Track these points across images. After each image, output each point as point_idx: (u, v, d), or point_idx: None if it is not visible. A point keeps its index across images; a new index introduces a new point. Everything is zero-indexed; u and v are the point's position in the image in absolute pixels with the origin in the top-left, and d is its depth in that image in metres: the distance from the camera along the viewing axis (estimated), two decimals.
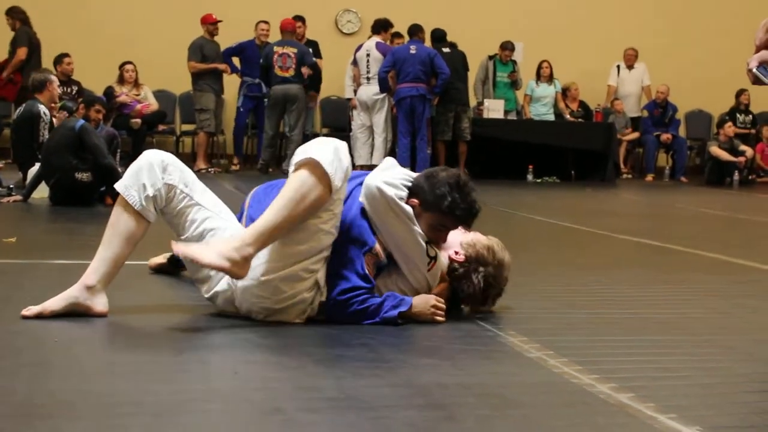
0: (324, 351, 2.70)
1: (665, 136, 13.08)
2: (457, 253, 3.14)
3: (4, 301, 3.10)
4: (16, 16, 10.76)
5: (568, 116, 12.70)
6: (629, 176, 13.15)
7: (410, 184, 3.04)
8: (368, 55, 10.99)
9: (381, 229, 2.98)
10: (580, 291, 3.82)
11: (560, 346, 2.74)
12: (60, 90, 9.29)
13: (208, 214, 2.99)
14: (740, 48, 7.65)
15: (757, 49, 2.49)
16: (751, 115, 13.68)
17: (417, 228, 2.98)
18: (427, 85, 10.58)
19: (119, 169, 6.42)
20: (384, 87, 10.64)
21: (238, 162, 11.75)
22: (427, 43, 11.11)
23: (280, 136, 11.32)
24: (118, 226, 2.92)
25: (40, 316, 2.83)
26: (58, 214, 6.22)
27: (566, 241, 5.87)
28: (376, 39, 11.12)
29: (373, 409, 2.09)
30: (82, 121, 6.71)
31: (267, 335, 2.78)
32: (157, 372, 2.35)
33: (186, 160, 3.18)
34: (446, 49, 11.16)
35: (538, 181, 11.80)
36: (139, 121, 11.11)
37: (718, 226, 7.38)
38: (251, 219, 2.93)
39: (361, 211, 2.99)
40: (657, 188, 11.64)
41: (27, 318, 2.82)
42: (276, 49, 10.75)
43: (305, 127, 11.34)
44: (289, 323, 2.90)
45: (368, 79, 10.95)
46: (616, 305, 3.54)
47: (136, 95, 11.36)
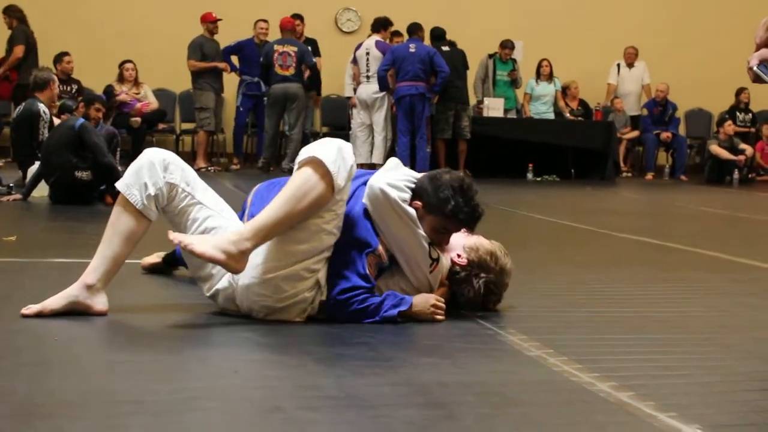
0: (324, 350, 2.70)
1: (665, 135, 13.08)
2: (459, 256, 3.14)
3: (4, 300, 3.10)
4: (13, 15, 10.76)
5: (568, 115, 12.70)
6: (629, 175, 13.15)
7: (413, 186, 3.03)
8: (368, 54, 10.99)
9: (384, 231, 2.98)
10: (580, 289, 3.83)
11: (560, 344, 2.74)
12: (60, 88, 9.29)
13: (209, 212, 2.99)
14: (740, 46, 7.65)
15: (758, 48, 2.49)
16: (750, 114, 13.68)
17: (420, 230, 2.98)
18: (427, 84, 10.57)
19: (119, 168, 6.43)
20: (383, 85, 10.64)
21: (238, 162, 11.75)
22: (427, 42, 11.11)
23: (280, 135, 11.32)
24: (119, 224, 2.92)
25: (39, 315, 2.83)
26: (57, 213, 6.21)
27: (566, 240, 5.87)
28: (376, 37, 11.11)
29: (373, 407, 2.09)
30: (82, 120, 6.71)
31: (267, 334, 2.78)
32: (158, 371, 2.35)
33: (186, 159, 3.18)
34: (446, 48, 11.15)
35: (538, 179, 11.80)
36: (138, 119, 11.11)
37: (718, 225, 7.38)
38: (253, 216, 2.93)
39: (365, 211, 2.99)
40: (657, 187, 11.64)
41: (27, 317, 2.82)
42: (276, 47, 10.75)
43: (305, 126, 11.34)
44: (289, 322, 2.90)
45: (368, 77, 10.95)
46: (615, 303, 3.54)
47: (136, 94, 11.36)
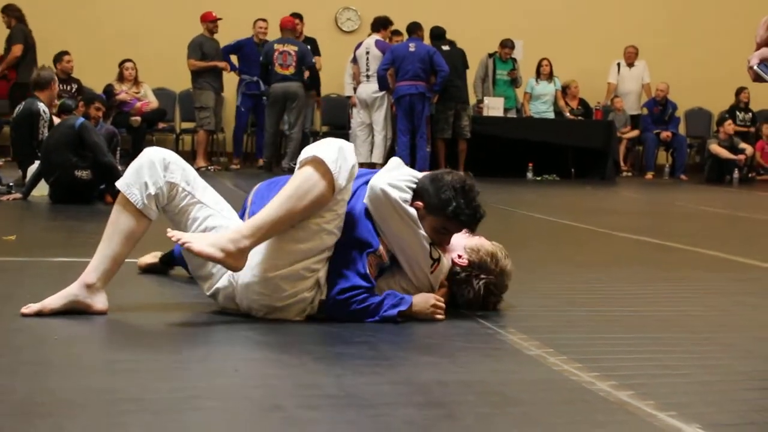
0: (324, 348, 2.70)
1: (665, 134, 13.08)
2: (460, 257, 3.14)
3: (4, 299, 3.10)
4: (12, 14, 10.77)
5: (568, 114, 12.69)
6: (629, 174, 13.15)
7: (415, 186, 3.03)
8: (368, 53, 10.98)
9: (384, 231, 2.98)
10: (580, 289, 3.83)
11: (560, 343, 2.74)
12: (60, 88, 9.29)
13: (210, 212, 2.99)
14: (740, 46, 7.65)
15: (758, 47, 2.49)
16: (750, 113, 13.68)
17: (421, 231, 2.97)
18: (427, 83, 10.57)
19: (119, 167, 6.43)
20: (383, 85, 10.63)
21: (239, 162, 11.75)
22: (426, 41, 11.10)
23: (280, 134, 11.32)
24: (119, 224, 2.92)
25: (39, 314, 2.83)
26: (57, 212, 6.21)
27: (566, 239, 5.87)
28: (376, 37, 11.11)
29: (373, 406, 2.09)
30: (82, 119, 6.71)
31: (267, 333, 2.78)
32: (157, 370, 2.35)
33: (186, 158, 3.18)
34: (445, 47, 11.15)
35: (538, 179, 11.80)
36: (138, 119, 11.11)
37: (718, 224, 7.38)
38: (253, 215, 2.93)
39: (366, 211, 2.99)
40: (657, 186, 11.64)
41: (27, 316, 2.82)
42: (276, 46, 10.75)
43: (305, 125, 11.34)
44: (289, 321, 2.90)
45: (368, 77, 10.94)
46: (615, 303, 3.54)
47: (136, 93, 11.36)
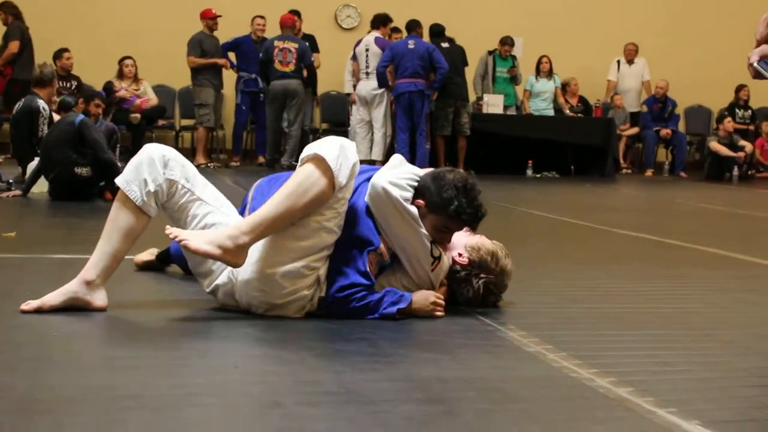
0: (324, 345, 2.70)
1: (665, 132, 13.08)
2: (460, 255, 3.14)
3: (3, 296, 3.10)
4: (9, 11, 10.78)
5: (568, 111, 12.69)
6: (629, 171, 13.15)
7: (416, 184, 3.02)
8: (367, 50, 10.98)
9: (385, 229, 2.98)
10: (580, 286, 3.83)
11: (560, 340, 2.74)
12: (59, 85, 9.29)
13: (209, 209, 2.99)
14: (740, 43, 7.66)
15: (758, 44, 2.48)
16: (750, 111, 13.68)
17: (422, 229, 2.97)
18: (426, 81, 10.56)
19: (119, 164, 6.43)
20: (382, 82, 10.63)
21: (238, 159, 11.75)
22: (426, 38, 11.10)
23: (280, 131, 11.31)
24: (118, 221, 2.92)
25: (39, 311, 2.83)
26: (57, 209, 6.21)
27: (565, 236, 5.87)
28: (375, 34, 11.10)
29: (373, 403, 2.09)
30: (81, 116, 6.70)
31: (267, 329, 2.78)
32: (157, 366, 2.35)
33: (185, 155, 3.17)
34: (445, 44, 11.14)
35: (538, 176, 11.80)
36: (138, 116, 11.11)
37: (718, 221, 7.38)
38: (254, 211, 2.92)
39: (367, 208, 2.98)
40: (656, 183, 11.64)
41: (26, 312, 2.82)
42: (276, 43, 10.74)
43: (304, 123, 11.33)
44: (289, 318, 2.90)
45: (367, 74, 10.94)
46: (615, 300, 3.54)
47: (136, 90, 11.35)
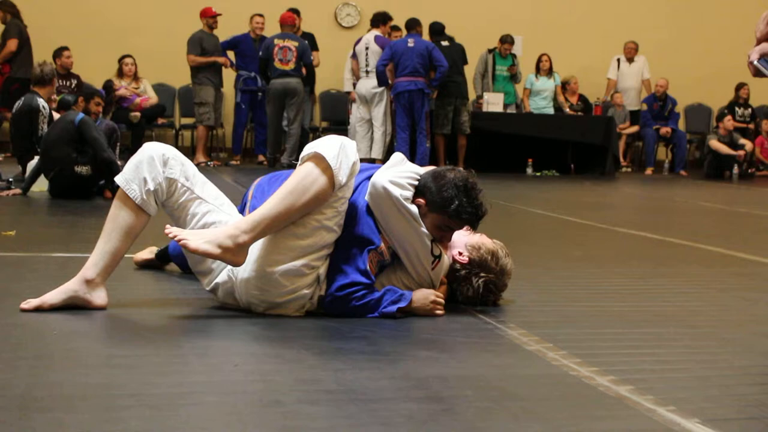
0: (323, 343, 2.70)
1: (664, 130, 13.07)
2: (460, 254, 3.14)
3: (3, 294, 3.10)
4: (7, 9, 10.78)
5: (568, 110, 12.69)
6: (629, 170, 13.15)
7: (417, 183, 3.02)
8: (367, 49, 10.98)
9: (386, 228, 2.98)
10: (579, 284, 3.83)
11: (559, 338, 2.74)
12: (59, 83, 9.29)
13: (209, 207, 2.99)
14: (740, 41, 7.66)
15: (758, 42, 2.49)
16: (750, 109, 13.68)
17: (422, 228, 2.97)
18: (426, 79, 10.56)
19: (118, 163, 6.43)
20: (382, 80, 10.63)
21: (239, 158, 11.75)
22: (426, 37, 11.09)
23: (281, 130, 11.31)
24: (118, 219, 2.92)
25: (39, 309, 2.84)
26: (57, 208, 6.21)
27: (565, 235, 5.87)
28: (375, 32, 11.10)
29: (373, 401, 2.09)
30: (81, 115, 6.70)
31: (267, 328, 2.78)
32: (157, 365, 2.35)
33: (185, 154, 3.18)
34: (445, 43, 11.14)
35: (538, 174, 11.80)
36: (138, 114, 11.11)
37: (718, 220, 7.38)
38: (254, 210, 2.92)
39: (368, 207, 2.99)
40: (656, 182, 11.64)
41: (26, 311, 2.83)
42: (277, 41, 10.74)
43: (304, 121, 11.33)
44: (288, 316, 2.90)
45: (367, 72, 10.94)
46: (615, 298, 3.54)
47: (136, 89, 11.35)
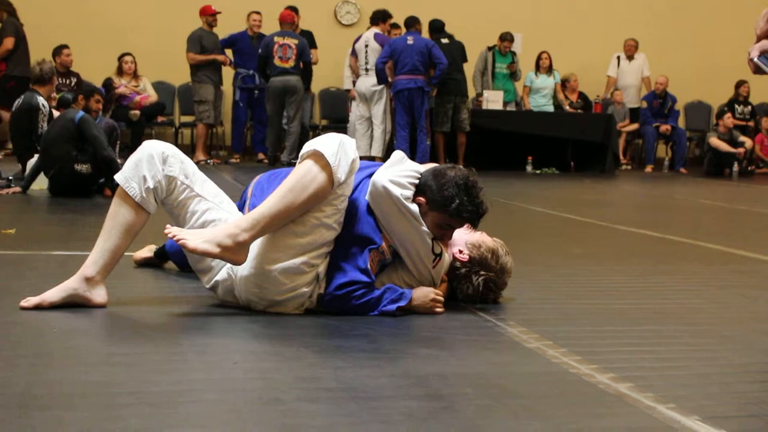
0: (323, 341, 2.70)
1: (664, 127, 13.07)
2: (461, 252, 3.14)
3: (3, 292, 3.10)
4: (4, 8, 10.76)
5: (568, 107, 12.68)
6: (628, 167, 13.14)
7: (417, 182, 3.02)
8: (367, 46, 10.97)
9: (387, 227, 2.98)
10: (579, 281, 3.83)
11: (559, 336, 2.74)
12: (59, 81, 9.28)
13: (208, 205, 2.99)
14: (740, 39, 7.66)
15: (758, 39, 2.49)
16: (750, 107, 13.67)
17: (423, 227, 2.97)
18: (425, 77, 10.55)
19: (118, 161, 6.43)
20: (382, 78, 10.62)
21: (238, 156, 11.74)
22: (425, 34, 11.09)
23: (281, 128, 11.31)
24: (118, 217, 2.92)
25: (38, 307, 2.84)
26: (57, 206, 6.21)
27: (565, 232, 5.87)
28: (375, 30, 11.09)
29: (372, 399, 2.09)
30: (82, 113, 6.70)
31: (266, 326, 2.78)
32: (156, 362, 2.35)
33: (185, 152, 3.17)
34: (444, 40, 11.13)
35: (538, 172, 11.79)
36: (138, 112, 11.10)
37: (717, 217, 7.38)
38: (253, 208, 2.92)
39: (369, 206, 2.98)
40: (656, 179, 11.64)
41: (26, 309, 2.83)
42: (276, 39, 10.73)
43: (304, 119, 11.32)
44: (288, 314, 2.90)
45: (367, 70, 10.93)
46: (614, 295, 3.54)
47: (135, 87, 11.34)
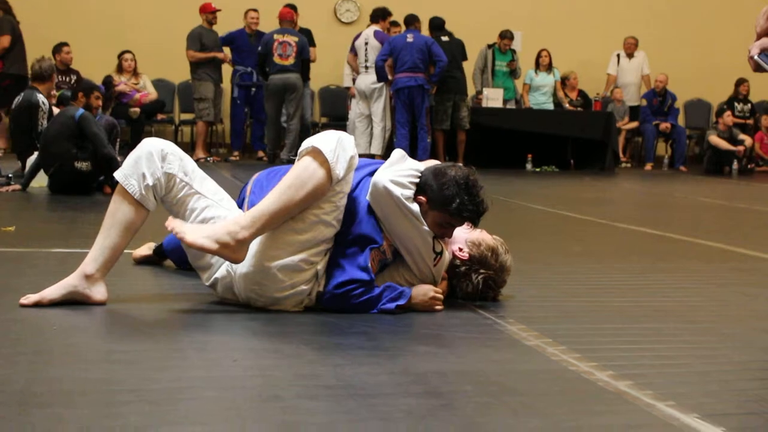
0: (323, 339, 2.70)
1: (664, 125, 13.07)
2: (461, 250, 3.14)
3: (3, 290, 3.10)
4: None
5: (567, 105, 12.68)
6: (628, 165, 13.15)
7: (418, 181, 3.01)
8: (366, 44, 10.97)
9: (388, 227, 2.98)
10: (579, 279, 3.83)
11: (559, 333, 2.74)
12: (59, 79, 9.27)
13: (208, 202, 2.99)
14: (740, 37, 7.65)
15: (758, 37, 2.48)
16: (749, 104, 13.67)
17: (424, 226, 2.97)
18: (425, 75, 10.55)
19: (118, 159, 6.42)
20: (382, 76, 10.62)
21: (238, 153, 11.74)
22: (425, 32, 11.08)
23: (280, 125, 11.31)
24: (117, 215, 2.92)
25: (38, 305, 2.84)
26: (56, 203, 6.22)
27: (565, 230, 5.87)
28: (375, 27, 11.09)
29: (372, 396, 2.09)
30: (82, 110, 6.69)
31: (266, 323, 2.78)
32: (156, 360, 2.35)
33: (185, 150, 3.17)
34: (444, 38, 11.14)
35: (537, 170, 11.80)
36: (137, 110, 11.11)
37: (717, 215, 7.38)
38: (252, 205, 2.92)
39: (369, 206, 2.98)
40: (656, 177, 11.64)
41: (25, 306, 2.83)
42: (276, 37, 10.73)
43: (304, 117, 11.32)
44: (288, 311, 2.90)
45: (366, 67, 10.93)
46: (614, 293, 3.54)
47: (135, 84, 11.35)
